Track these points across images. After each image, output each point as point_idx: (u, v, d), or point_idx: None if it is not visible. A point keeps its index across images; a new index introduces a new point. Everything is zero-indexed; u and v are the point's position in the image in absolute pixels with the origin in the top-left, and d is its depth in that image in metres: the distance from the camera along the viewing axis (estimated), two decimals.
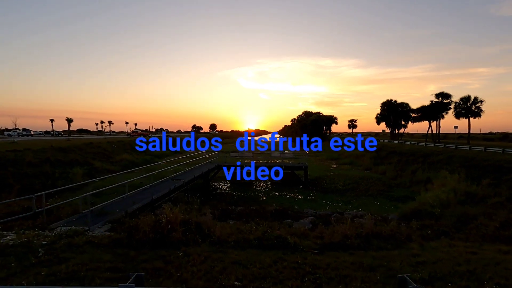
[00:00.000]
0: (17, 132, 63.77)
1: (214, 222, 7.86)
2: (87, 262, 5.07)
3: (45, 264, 4.91)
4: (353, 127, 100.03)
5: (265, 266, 5.07)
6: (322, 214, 12.86)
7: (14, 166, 23.45)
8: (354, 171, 34.01)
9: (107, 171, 31.99)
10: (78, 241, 6.23)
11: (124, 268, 4.90)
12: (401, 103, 65.54)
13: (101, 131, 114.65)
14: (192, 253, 5.80)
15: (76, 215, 10.31)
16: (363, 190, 23.87)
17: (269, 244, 6.47)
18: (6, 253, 5.37)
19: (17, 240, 6.34)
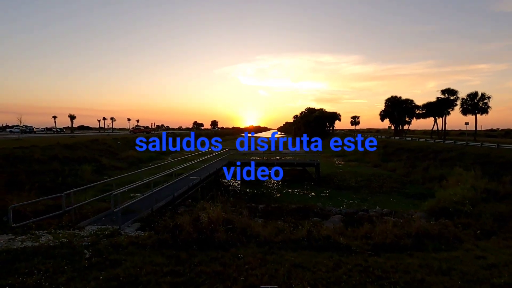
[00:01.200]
0: (19, 128, 63.21)
1: (253, 221, 7.59)
2: (141, 265, 4.79)
3: (98, 267, 4.63)
4: (355, 124, 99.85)
5: (329, 269, 4.80)
6: (348, 212, 12.59)
7: (23, 163, 23.13)
8: (363, 168, 33.81)
9: (114, 168, 31.72)
10: (122, 241, 5.94)
11: (183, 271, 4.62)
12: (405, 100, 65.19)
13: (102, 128, 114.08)
14: (244, 254, 5.52)
15: (101, 214, 10.04)
16: (376, 187, 23.65)
17: (318, 245, 6.20)
18: (52, 255, 5.09)
19: (56, 241, 6.06)
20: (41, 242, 5.90)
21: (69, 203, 9.34)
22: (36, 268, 4.42)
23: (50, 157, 26.40)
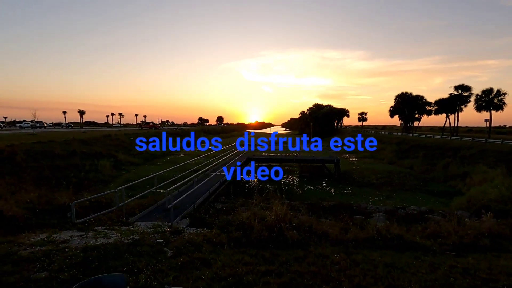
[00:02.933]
0: (30, 124, 63.50)
1: (313, 219, 7.46)
2: (233, 264, 4.67)
3: (192, 266, 4.50)
4: (363, 120, 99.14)
5: (427, 271, 4.65)
6: (388, 210, 12.42)
7: (44, 158, 23.14)
8: (379, 165, 33.52)
9: (130, 163, 31.75)
10: (197, 239, 5.83)
11: (279, 271, 4.49)
12: (416, 96, 64.55)
13: (107, 123, 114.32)
14: (325, 253, 5.39)
15: (146, 210, 9.95)
16: (398, 185, 23.42)
17: (394, 244, 6.05)
18: (136, 252, 4.98)
19: (127, 238, 5.95)
20: (114, 239, 5.80)
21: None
22: (135, 266, 4.31)
23: (69, 152, 26.41)
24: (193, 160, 18.95)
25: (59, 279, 3.79)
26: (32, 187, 13.50)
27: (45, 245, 5.20)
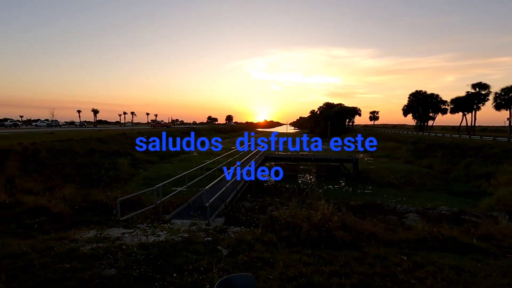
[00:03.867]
0: (46, 122, 64.73)
1: (355, 218, 7.30)
2: (294, 264, 4.56)
3: (256, 266, 4.43)
4: (374, 119, 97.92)
5: (498, 275, 4.47)
6: (419, 211, 12.14)
7: (65, 156, 23.54)
8: (396, 164, 32.99)
9: (146, 161, 32.04)
10: (246, 238, 5.75)
11: (344, 272, 4.37)
12: (431, 94, 63.30)
13: (119, 122, 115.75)
14: (381, 254, 5.24)
15: (179, 208, 9.96)
16: (419, 184, 22.98)
17: (450, 246, 5.85)
18: (193, 251, 4.93)
19: (177, 236, 5.91)
20: (165, 237, 5.76)
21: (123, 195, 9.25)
22: (199, 265, 4.25)
23: (88, 151, 26.81)
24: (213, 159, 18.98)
25: (132, 277, 3.75)
26: (61, 184, 13.67)
27: (101, 241, 5.20)
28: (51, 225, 6.27)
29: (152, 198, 12.03)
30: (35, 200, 7.80)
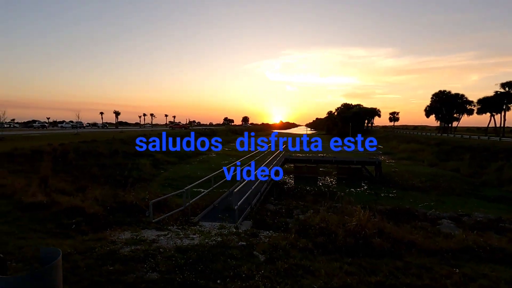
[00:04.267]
0: (70, 124, 67.30)
1: (392, 225, 7.01)
2: (336, 273, 4.40)
3: (296, 274, 4.29)
4: (394, 120, 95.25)
5: None
6: (452, 216, 11.57)
7: (91, 157, 24.30)
8: (419, 167, 31.82)
9: (167, 162, 32.55)
10: (281, 243, 5.63)
11: (390, 283, 4.16)
12: (455, 94, 60.83)
13: (139, 123, 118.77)
14: (425, 265, 4.96)
15: (205, 210, 9.98)
16: (446, 189, 22.00)
17: (499, 257, 5.48)
18: (229, 255, 4.85)
19: (211, 240, 5.88)
20: (199, 240, 5.73)
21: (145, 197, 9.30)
22: (240, 271, 4.17)
23: (112, 152, 27.58)
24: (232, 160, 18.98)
25: (176, 281, 3.71)
26: (89, 184, 14.07)
27: (138, 244, 5.23)
28: (88, 226, 6.40)
29: (177, 199, 12.19)
30: (70, 201, 8.01)
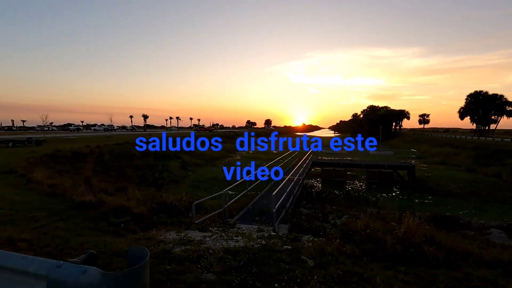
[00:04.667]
0: (103, 127, 70.63)
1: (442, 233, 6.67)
2: (392, 282, 4.25)
3: (351, 281, 4.19)
4: (424, 122, 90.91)
5: None
6: (501, 226, 10.80)
7: (124, 158, 25.39)
8: (455, 172, 30.05)
9: (194, 164, 33.34)
10: (328, 249, 5.53)
11: None
12: (493, 95, 57.07)
13: (165, 127, 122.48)
14: (487, 277, 4.64)
15: (241, 212, 10.04)
16: (488, 195, 20.59)
17: None
18: (278, 259, 4.83)
19: (254, 242, 5.90)
20: (244, 243, 5.76)
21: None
22: (294, 275, 4.14)
23: (143, 153, 28.70)
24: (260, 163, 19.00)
25: (234, 283, 3.75)
26: (125, 185, 14.69)
27: (187, 244, 5.35)
28: (136, 225, 6.65)
29: (210, 201, 12.35)
30: (115, 201, 8.38)
